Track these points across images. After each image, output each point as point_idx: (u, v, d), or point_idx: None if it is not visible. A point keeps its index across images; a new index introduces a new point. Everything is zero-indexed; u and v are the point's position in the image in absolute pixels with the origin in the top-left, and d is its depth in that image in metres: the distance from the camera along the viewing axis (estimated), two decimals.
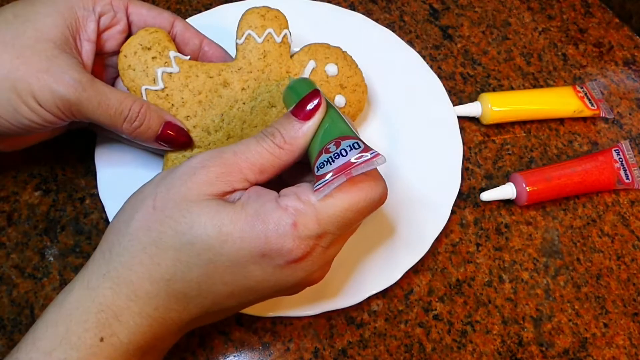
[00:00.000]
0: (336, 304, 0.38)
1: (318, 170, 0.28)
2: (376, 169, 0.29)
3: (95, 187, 0.41)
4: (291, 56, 0.39)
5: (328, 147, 0.28)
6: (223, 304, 0.29)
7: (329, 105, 0.31)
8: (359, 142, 0.28)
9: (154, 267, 0.28)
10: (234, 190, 0.29)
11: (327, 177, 0.27)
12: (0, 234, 0.39)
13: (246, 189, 0.29)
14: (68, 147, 0.42)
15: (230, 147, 0.29)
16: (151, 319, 0.28)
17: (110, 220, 0.39)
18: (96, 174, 0.40)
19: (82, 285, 0.28)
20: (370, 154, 0.27)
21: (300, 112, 0.30)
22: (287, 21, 0.39)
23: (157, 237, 0.28)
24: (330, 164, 0.27)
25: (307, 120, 0.30)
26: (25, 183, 0.41)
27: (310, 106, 0.30)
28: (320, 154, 0.28)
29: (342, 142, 0.28)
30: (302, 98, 0.30)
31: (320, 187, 0.27)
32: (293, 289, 0.30)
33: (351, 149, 0.28)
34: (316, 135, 0.30)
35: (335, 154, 0.28)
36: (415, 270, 0.41)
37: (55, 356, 0.26)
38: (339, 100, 0.40)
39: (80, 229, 0.40)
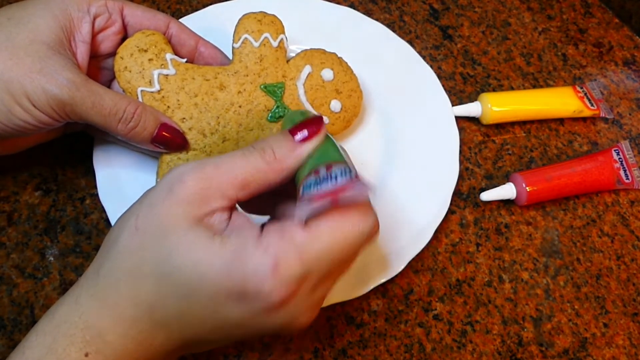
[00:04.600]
0: (340, 296, 0.38)
1: (304, 191, 0.26)
2: (368, 200, 0.28)
3: (95, 187, 0.40)
4: (287, 61, 0.39)
5: (318, 169, 0.27)
6: (207, 338, 0.28)
7: (327, 135, 0.30)
8: (351, 169, 0.27)
9: (136, 292, 0.27)
10: (214, 211, 0.27)
11: (312, 200, 0.25)
12: (0, 234, 0.39)
13: (226, 207, 0.28)
14: (68, 147, 0.42)
15: (214, 159, 0.28)
16: (136, 342, 0.27)
17: (110, 220, 0.39)
18: (95, 174, 0.40)
19: (72, 300, 0.28)
20: (363, 182, 0.26)
21: (298, 132, 0.29)
22: (283, 26, 0.39)
23: (138, 262, 0.27)
24: (317, 187, 0.26)
25: (303, 143, 0.28)
26: (25, 183, 0.41)
27: (310, 129, 0.29)
28: (308, 175, 0.27)
29: (333, 166, 0.26)
30: (304, 120, 0.29)
31: (302, 209, 0.26)
32: (279, 332, 0.29)
33: (342, 175, 0.26)
34: (307, 161, 0.28)
35: (324, 178, 0.26)
36: (415, 270, 0.41)
37: None
38: (335, 105, 0.40)
39: (80, 229, 0.40)
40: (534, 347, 0.40)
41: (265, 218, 0.32)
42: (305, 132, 0.29)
